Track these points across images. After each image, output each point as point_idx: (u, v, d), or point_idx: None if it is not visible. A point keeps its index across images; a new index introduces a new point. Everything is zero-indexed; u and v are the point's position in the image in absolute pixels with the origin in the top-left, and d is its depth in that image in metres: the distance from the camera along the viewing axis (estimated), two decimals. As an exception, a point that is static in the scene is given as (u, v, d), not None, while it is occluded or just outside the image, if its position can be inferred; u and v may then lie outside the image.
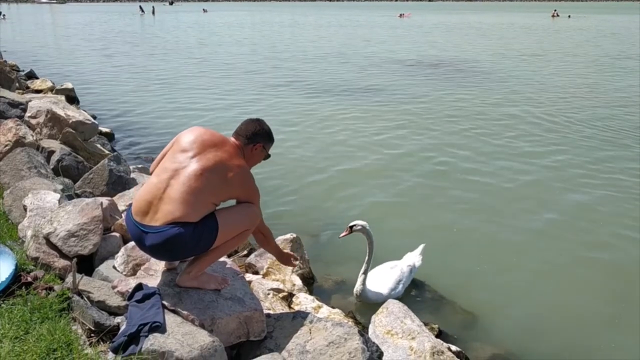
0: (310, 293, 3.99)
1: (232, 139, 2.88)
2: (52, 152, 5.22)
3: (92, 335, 2.69)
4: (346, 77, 14.59)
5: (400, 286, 4.08)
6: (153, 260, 3.02)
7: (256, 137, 2.89)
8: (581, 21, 48.19)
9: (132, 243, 3.11)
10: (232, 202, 2.89)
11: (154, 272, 2.97)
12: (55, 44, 24.56)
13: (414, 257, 4.34)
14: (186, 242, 2.61)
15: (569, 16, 56.44)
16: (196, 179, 2.63)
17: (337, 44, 25.02)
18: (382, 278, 4.07)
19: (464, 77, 14.68)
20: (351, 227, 3.98)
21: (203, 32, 32.32)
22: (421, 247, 4.44)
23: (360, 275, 3.99)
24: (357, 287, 3.99)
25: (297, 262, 3.50)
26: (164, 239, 2.59)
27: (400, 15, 56.11)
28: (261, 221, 2.99)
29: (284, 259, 3.35)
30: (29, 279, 2.98)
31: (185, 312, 2.65)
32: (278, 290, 3.71)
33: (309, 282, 4.20)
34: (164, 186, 2.65)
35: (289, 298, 3.72)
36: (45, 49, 21.78)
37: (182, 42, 25.29)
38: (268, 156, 3.02)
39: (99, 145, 6.45)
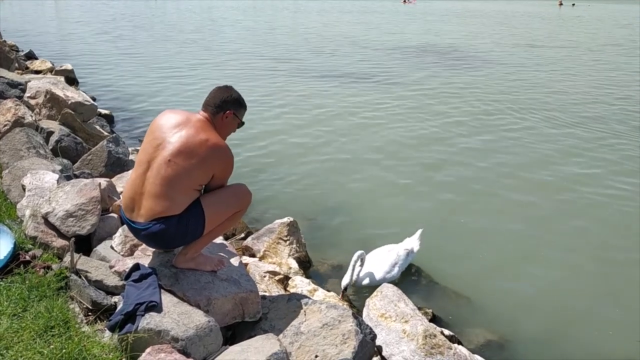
0: (307, 276, 4.02)
1: (199, 113, 2.78)
2: (51, 133, 5.22)
3: (90, 313, 2.73)
4: (345, 63, 14.51)
5: (396, 269, 4.09)
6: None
7: (225, 105, 2.78)
8: (587, 10, 47.80)
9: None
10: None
11: (151, 252, 2.99)
12: (55, 25, 24.35)
13: (412, 242, 4.34)
14: (173, 235, 2.63)
15: (573, 4, 56.10)
16: (166, 167, 2.58)
17: (340, 30, 24.84)
18: (378, 261, 4.09)
19: (466, 63, 14.59)
20: (344, 289, 3.82)
21: (203, 16, 32.05)
22: (419, 232, 4.44)
23: (352, 269, 3.90)
24: (346, 279, 3.87)
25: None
26: (150, 234, 2.64)
27: (405, 1, 55.59)
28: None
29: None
30: (27, 258, 3.00)
31: (181, 293, 2.68)
32: (274, 273, 3.74)
33: (305, 266, 4.24)
34: (142, 181, 2.63)
35: (285, 281, 3.76)
36: (45, 30, 21.59)
37: (183, 26, 25.08)
38: (242, 124, 2.91)
39: (98, 127, 6.44)
